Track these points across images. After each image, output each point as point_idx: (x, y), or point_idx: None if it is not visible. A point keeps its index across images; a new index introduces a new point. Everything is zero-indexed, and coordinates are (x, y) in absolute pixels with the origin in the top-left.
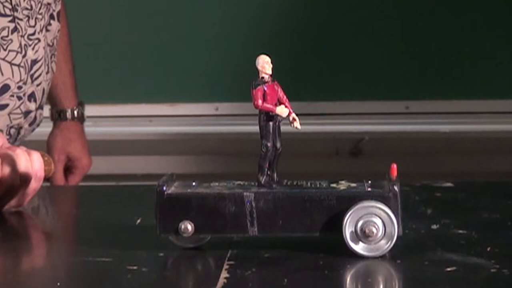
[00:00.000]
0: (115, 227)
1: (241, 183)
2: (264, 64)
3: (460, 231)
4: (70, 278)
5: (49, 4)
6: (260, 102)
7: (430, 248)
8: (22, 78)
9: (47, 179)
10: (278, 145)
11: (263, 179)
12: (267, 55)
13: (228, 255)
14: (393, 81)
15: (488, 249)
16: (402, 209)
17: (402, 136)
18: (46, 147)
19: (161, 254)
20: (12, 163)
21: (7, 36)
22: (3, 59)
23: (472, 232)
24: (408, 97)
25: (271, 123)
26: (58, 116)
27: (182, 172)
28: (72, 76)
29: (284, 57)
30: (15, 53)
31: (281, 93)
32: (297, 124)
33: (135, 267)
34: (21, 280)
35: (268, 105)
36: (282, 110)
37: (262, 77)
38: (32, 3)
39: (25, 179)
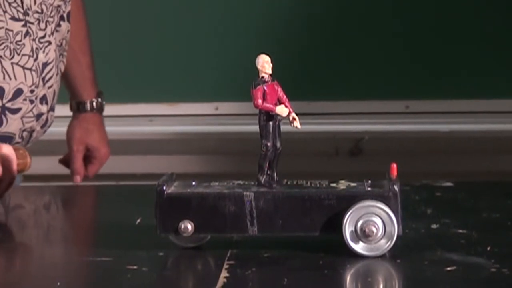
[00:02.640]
0: (115, 227)
1: (241, 182)
2: (264, 63)
3: (460, 231)
4: (70, 278)
5: (59, 6)
6: (260, 101)
7: (430, 248)
8: (34, 81)
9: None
10: (278, 144)
11: (263, 179)
12: (267, 54)
13: (228, 255)
14: (393, 81)
15: (488, 249)
16: (402, 209)
17: (402, 136)
18: (65, 138)
19: (161, 254)
20: None
21: (20, 40)
22: (17, 63)
23: (472, 232)
24: (408, 97)
25: (271, 122)
26: (77, 108)
27: (182, 172)
28: (90, 68)
29: (284, 57)
30: (27, 57)
31: (281, 93)
32: (297, 123)
33: (135, 267)
34: (21, 280)
35: (268, 105)
36: (282, 110)
37: (262, 77)
38: (43, 6)
39: None
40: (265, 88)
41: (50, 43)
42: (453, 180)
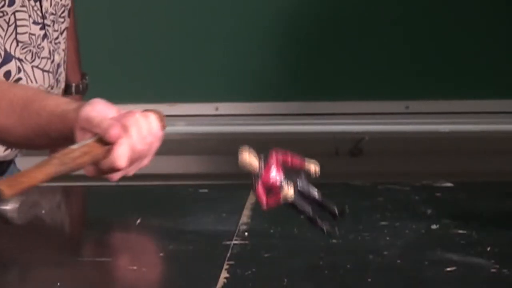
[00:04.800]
0: (115, 227)
1: None
2: (250, 164)
3: (460, 231)
4: (70, 278)
5: (68, 4)
6: (265, 204)
7: (430, 248)
8: (51, 83)
9: None
10: (315, 193)
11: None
12: (246, 151)
13: (228, 255)
14: (393, 81)
15: (488, 249)
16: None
17: (402, 136)
18: None
19: (161, 254)
20: (138, 129)
21: (40, 44)
22: (37, 66)
23: (472, 232)
24: (408, 97)
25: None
26: (64, 90)
27: (182, 172)
28: (77, 53)
29: (285, 57)
30: (46, 60)
31: (281, 159)
32: (314, 168)
33: (135, 267)
34: (21, 280)
35: (272, 201)
36: (286, 196)
37: (255, 173)
38: (56, 8)
39: (149, 141)
40: (262, 181)
41: (60, 43)
42: (453, 180)
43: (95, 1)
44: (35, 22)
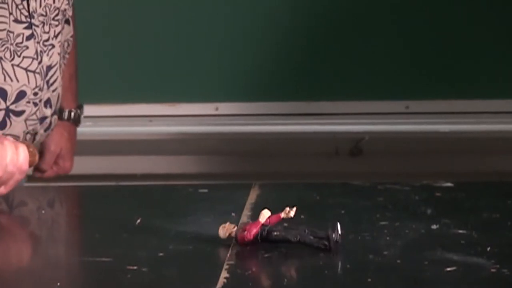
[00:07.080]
0: (115, 227)
1: None
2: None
3: (460, 231)
4: (70, 278)
5: (65, 10)
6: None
7: (430, 248)
8: (38, 84)
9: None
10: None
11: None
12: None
13: (228, 255)
14: (393, 81)
15: (488, 249)
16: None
17: (402, 136)
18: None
19: (161, 254)
20: (0, 155)
21: (21, 42)
22: (18, 65)
23: (472, 232)
24: (408, 97)
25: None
26: (59, 114)
27: (182, 172)
28: (72, 79)
29: (285, 57)
30: (30, 60)
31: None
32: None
33: (135, 267)
34: (22, 280)
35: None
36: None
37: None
38: (47, 9)
39: (10, 171)
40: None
41: (53, 46)
42: (453, 180)
43: (96, 2)
44: (16, 21)
